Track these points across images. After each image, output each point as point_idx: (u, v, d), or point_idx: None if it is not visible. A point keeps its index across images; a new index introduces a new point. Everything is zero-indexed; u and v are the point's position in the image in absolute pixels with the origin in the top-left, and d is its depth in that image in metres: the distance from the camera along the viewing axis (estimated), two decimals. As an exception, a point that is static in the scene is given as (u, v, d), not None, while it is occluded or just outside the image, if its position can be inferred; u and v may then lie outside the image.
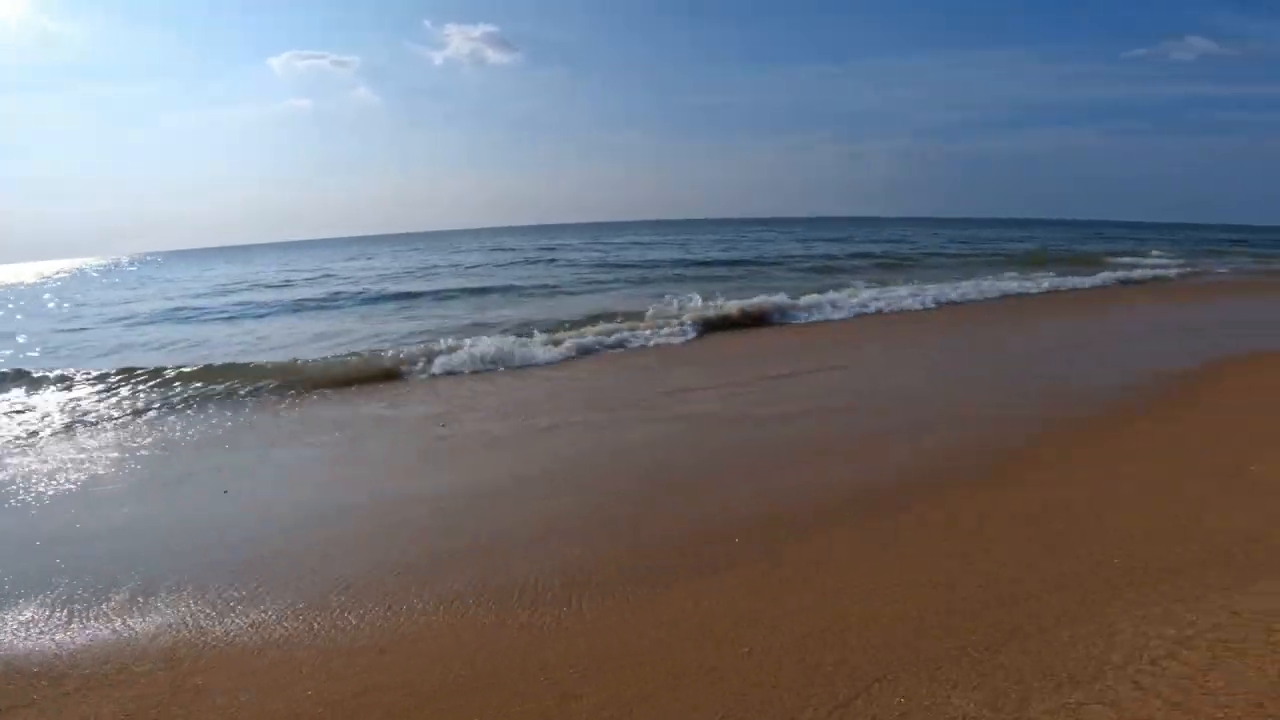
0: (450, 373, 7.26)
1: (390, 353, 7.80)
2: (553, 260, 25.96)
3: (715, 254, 26.64)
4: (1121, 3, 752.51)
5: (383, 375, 7.18)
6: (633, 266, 21.65)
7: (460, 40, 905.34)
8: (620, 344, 8.63)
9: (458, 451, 4.69)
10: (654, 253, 28.43)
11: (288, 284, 20.61)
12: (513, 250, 34.25)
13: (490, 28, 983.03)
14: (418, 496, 3.80)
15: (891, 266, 20.32)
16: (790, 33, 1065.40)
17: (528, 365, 7.57)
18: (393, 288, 17.79)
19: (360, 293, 16.90)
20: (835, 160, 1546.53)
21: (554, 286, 16.86)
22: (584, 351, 8.21)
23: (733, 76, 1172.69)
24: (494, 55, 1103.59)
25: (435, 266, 25.10)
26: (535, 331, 8.88)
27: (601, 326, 9.37)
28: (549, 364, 7.67)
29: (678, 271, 19.61)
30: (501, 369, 7.41)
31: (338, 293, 17.05)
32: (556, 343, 8.32)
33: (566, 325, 9.70)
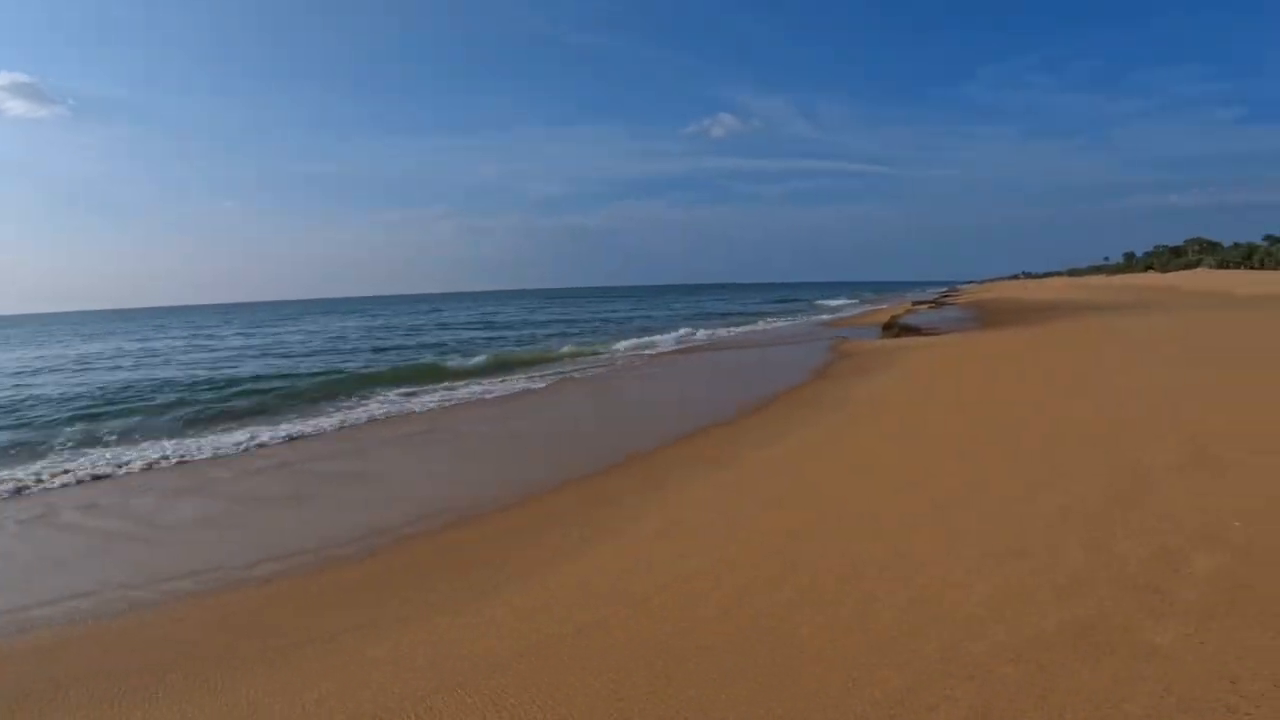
0: None
1: None
2: None
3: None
4: (681, 81, 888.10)
5: None
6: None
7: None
8: None
9: None
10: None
11: None
12: None
13: (21, 76, 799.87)
14: None
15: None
16: (407, 101, 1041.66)
17: None
18: None
19: None
20: (457, 234, 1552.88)
21: None
22: None
23: (347, 144, 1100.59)
24: (21, 108, 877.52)
25: None
26: None
27: None
28: None
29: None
30: None
31: None
32: None
33: None
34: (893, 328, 25.13)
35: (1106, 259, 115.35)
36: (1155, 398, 7.29)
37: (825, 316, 39.41)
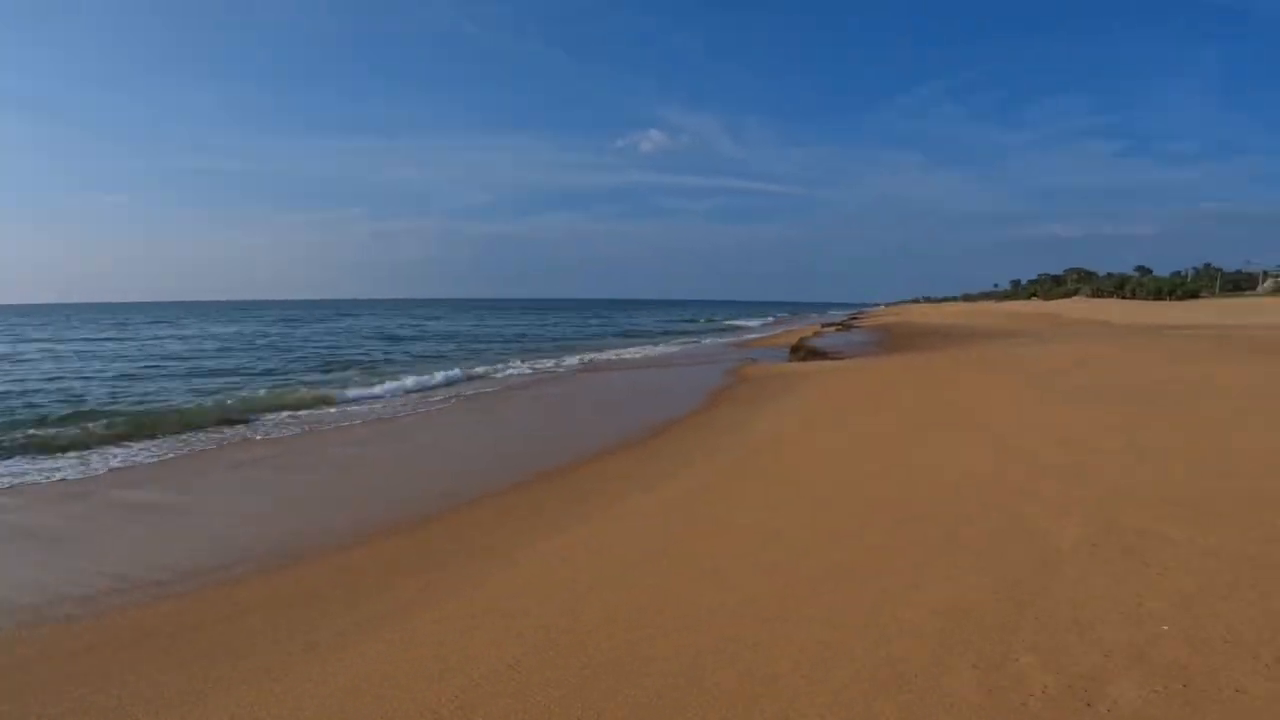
0: None
1: None
2: None
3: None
4: (612, 96, 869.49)
5: None
6: None
7: None
8: None
9: None
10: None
11: None
12: None
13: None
14: None
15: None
16: (321, 99, 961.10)
17: None
18: None
19: None
20: (371, 239, 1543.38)
21: None
22: None
23: (253, 141, 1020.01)
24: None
25: None
26: None
27: None
28: None
29: None
30: None
31: None
32: None
33: None
34: (800, 351, 25.01)
35: (996, 285, 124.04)
36: (1055, 446, 6.71)
37: (748, 335, 39.56)
